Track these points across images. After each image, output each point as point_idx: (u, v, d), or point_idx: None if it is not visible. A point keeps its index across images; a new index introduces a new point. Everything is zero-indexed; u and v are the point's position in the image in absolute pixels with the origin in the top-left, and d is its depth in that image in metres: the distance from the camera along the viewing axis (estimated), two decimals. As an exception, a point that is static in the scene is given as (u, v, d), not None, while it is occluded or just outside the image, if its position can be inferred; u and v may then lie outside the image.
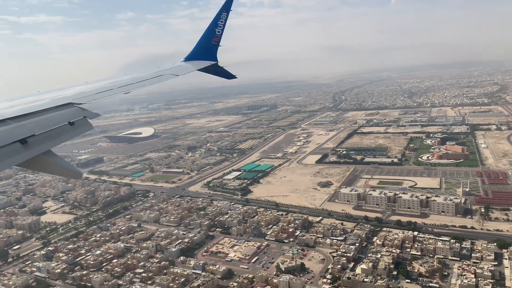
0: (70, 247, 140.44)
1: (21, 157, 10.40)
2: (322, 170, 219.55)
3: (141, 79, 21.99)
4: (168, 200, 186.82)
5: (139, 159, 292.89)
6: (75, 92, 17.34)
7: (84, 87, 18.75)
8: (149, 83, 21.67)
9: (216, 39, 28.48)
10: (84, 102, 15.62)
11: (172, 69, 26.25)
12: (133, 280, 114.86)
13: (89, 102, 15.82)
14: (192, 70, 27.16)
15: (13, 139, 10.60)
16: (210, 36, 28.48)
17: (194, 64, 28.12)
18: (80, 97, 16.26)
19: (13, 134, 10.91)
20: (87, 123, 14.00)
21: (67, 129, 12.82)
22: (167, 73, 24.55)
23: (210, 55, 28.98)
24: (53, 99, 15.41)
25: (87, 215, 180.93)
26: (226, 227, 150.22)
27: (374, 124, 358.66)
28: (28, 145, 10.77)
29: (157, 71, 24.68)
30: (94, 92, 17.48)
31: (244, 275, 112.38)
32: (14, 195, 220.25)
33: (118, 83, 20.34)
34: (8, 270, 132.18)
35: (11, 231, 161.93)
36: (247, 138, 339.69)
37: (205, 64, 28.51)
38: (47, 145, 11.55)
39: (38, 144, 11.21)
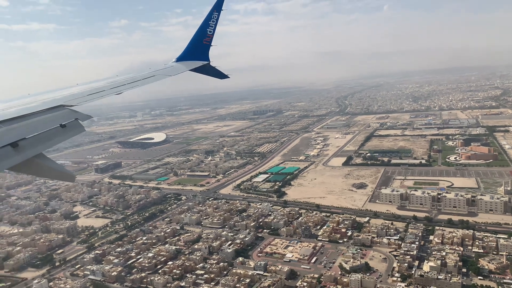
0: (119, 250, 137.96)
1: (13, 161, 10.20)
2: (351, 172, 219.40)
3: (133, 79, 21.66)
4: (204, 203, 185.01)
5: (158, 163, 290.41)
6: (67, 94, 17.08)
7: (75, 89, 18.53)
8: (141, 84, 21.35)
9: (208, 39, 28.32)
10: (75, 104, 15.39)
11: (164, 70, 25.94)
12: (197, 282, 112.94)
13: (80, 104, 15.63)
14: (184, 70, 26.85)
15: (4, 143, 10.42)
16: (201, 36, 28.29)
17: (186, 64, 27.89)
18: (71, 99, 16.01)
19: (4, 138, 10.72)
20: (79, 125, 13.75)
21: (58, 132, 12.63)
22: (159, 74, 24.20)
23: (202, 55, 28.74)
24: (44, 101, 15.18)
25: (123, 219, 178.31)
26: (272, 228, 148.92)
27: (388, 127, 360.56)
28: (19, 148, 10.62)
29: (149, 72, 24.35)
30: (86, 94, 17.26)
31: (310, 275, 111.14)
32: (39, 200, 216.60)
33: (109, 84, 20.07)
34: (59, 274, 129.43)
35: (50, 236, 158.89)
36: (263, 142, 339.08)
37: (197, 64, 28.28)
38: (39, 148, 11.38)
39: (30, 147, 11.04)
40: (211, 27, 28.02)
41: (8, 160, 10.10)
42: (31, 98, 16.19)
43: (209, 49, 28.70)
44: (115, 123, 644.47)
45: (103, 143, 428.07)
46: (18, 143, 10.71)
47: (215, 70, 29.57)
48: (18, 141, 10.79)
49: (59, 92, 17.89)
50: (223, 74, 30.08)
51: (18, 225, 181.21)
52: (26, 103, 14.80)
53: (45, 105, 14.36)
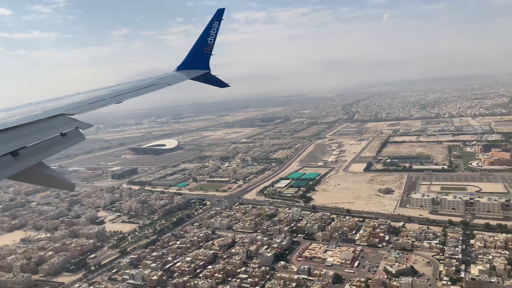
0: (155, 255, 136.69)
1: (13, 170, 10.21)
2: (374, 177, 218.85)
3: (134, 88, 21.67)
4: (231, 208, 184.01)
5: (175, 169, 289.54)
6: (67, 103, 17.07)
7: (76, 98, 18.61)
8: (142, 92, 21.34)
9: (208, 48, 28.49)
10: (76, 112, 15.36)
11: (165, 78, 25.97)
12: (242, 286, 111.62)
13: (81, 113, 15.59)
14: (184, 79, 26.87)
15: (4, 152, 10.42)
16: (202, 45, 28.49)
17: (186, 73, 28.01)
18: (72, 108, 15.98)
19: (4, 146, 10.71)
20: (79, 134, 13.74)
21: (59, 140, 12.64)
22: (160, 82, 24.16)
23: (202, 64, 28.90)
24: (45, 110, 15.16)
25: (150, 224, 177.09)
26: (306, 232, 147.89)
27: (401, 134, 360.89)
28: (19, 157, 10.61)
29: (149, 81, 24.33)
30: (86, 103, 17.29)
31: (356, 279, 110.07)
32: (60, 206, 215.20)
33: (110, 93, 20.10)
34: (96, 279, 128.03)
35: (81, 240, 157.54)
36: (277, 149, 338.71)
37: (197, 73, 28.43)
38: (39, 157, 11.39)
39: (30, 156, 11.03)
40: (212, 37, 28.20)
41: (8, 169, 10.08)
42: (32, 107, 16.18)
43: (209, 58, 28.89)
44: (121, 130, 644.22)
45: (113, 150, 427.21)
46: (18, 152, 10.66)
47: (215, 79, 29.62)
48: (18, 149, 10.74)
49: (59, 100, 17.90)
50: (224, 83, 30.05)
51: (43, 230, 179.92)
52: (27, 112, 14.75)
53: (46, 114, 14.36)
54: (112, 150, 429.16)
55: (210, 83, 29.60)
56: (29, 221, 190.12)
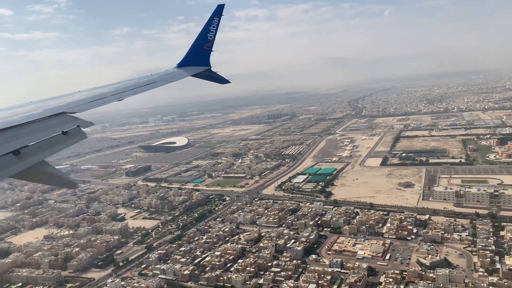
0: (183, 250, 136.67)
1: (15, 169, 10.24)
2: (392, 171, 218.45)
3: (134, 86, 21.53)
4: (252, 203, 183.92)
5: (189, 166, 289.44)
6: (68, 101, 16.99)
7: (77, 96, 18.54)
8: (143, 90, 21.28)
9: (209, 44, 28.36)
10: (77, 111, 15.37)
11: (166, 75, 25.83)
12: (276, 279, 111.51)
13: (82, 111, 15.62)
14: (185, 76, 26.81)
15: (6, 151, 10.45)
16: (202, 41, 28.32)
17: (187, 70, 27.90)
18: (73, 106, 15.92)
19: (6, 146, 10.74)
20: (80, 132, 13.76)
21: (60, 139, 12.67)
22: (160, 80, 24.07)
23: (203, 61, 28.76)
24: (46, 109, 15.13)
25: (172, 219, 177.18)
26: (332, 226, 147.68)
27: (413, 128, 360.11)
28: (21, 156, 10.65)
29: (150, 78, 24.24)
30: (87, 101, 17.20)
31: (391, 271, 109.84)
32: (78, 203, 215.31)
33: (111, 90, 20.00)
34: (126, 274, 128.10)
35: (106, 237, 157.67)
36: (288, 145, 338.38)
37: (198, 70, 28.31)
38: (41, 155, 11.40)
39: (32, 154, 11.07)
40: (212, 33, 28.06)
41: (10, 167, 10.09)
42: (34, 106, 16.15)
43: (210, 54, 28.74)
44: (128, 129, 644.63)
45: (123, 148, 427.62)
46: (20, 151, 10.68)
47: (216, 75, 29.57)
48: (20, 148, 10.76)
49: (61, 99, 17.83)
50: (224, 79, 29.96)
51: (65, 227, 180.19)
52: (28, 111, 14.72)
53: (47, 112, 14.29)
54: (121, 148, 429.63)
55: (211, 80, 29.58)
56: (49, 218, 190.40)
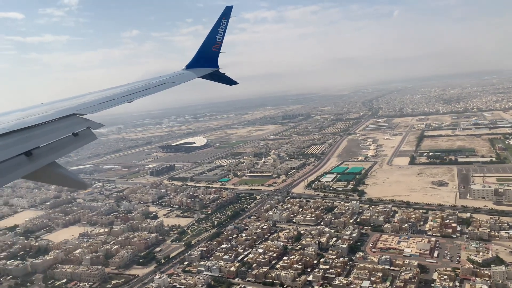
0: (224, 247, 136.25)
1: (27, 169, 10.37)
2: (423, 170, 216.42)
3: (144, 87, 21.59)
4: (285, 201, 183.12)
5: (213, 165, 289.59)
6: (79, 103, 17.14)
7: (87, 98, 18.65)
8: (152, 92, 21.30)
9: (217, 46, 28.41)
10: (87, 112, 15.52)
11: (174, 77, 25.83)
12: (327, 276, 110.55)
13: (92, 113, 15.72)
14: (194, 78, 26.77)
15: (18, 152, 10.55)
16: (210, 43, 28.38)
17: (195, 71, 27.93)
18: (83, 108, 16.09)
19: (18, 147, 10.86)
20: (91, 134, 13.83)
21: (71, 140, 12.78)
22: (169, 81, 23.99)
23: (211, 62, 28.82)
24: (57, 110, 15.29)
25: (206, 217, 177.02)
26: (373, 225, 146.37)
27: (434, 128, 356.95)
28: (33, 157, 10.74)
29: (159, 80, 24.14)
30: (97, 103, 17.32)
31: (442, 268, 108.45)
32: (107, 202, 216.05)
33: (121, 92, 20.06)
34: (170, 271, 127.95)
35: (143, 234, 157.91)
36: (309, 144, 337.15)
37: (206, 71, 28.32)
38: (52, 156, 11.49)
39: (43, 156, 11.16)
40: (220, 34, 28.12)
41: (22, 168, 10.22)
42: (45, 107, 16.34)
43: (218, 56, 28.74)
44: (143, 130, 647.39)
45: (142, 148, 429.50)
46: (32, 152, 10.78)
47: (224, 77, 29.52)
48: (32, 150, 10.87)
49: (71, 101, 18.02)
50: (232, 80, 29.85)
51: (99, 225, 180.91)
52: (40, 112, 14.88)
53: (58, 114, 14.47)
54: (140, 148, 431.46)
55: (219, 81, 29.52)
56: (81, 217, 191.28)
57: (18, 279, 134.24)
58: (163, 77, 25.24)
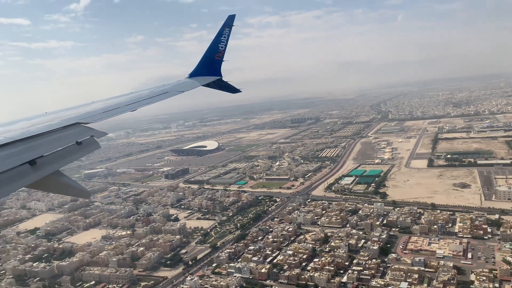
0: (252, 249, 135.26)
1: (31, 179, 10.37)
2: (442, 173, 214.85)
3: (147, 96, 21.81)
4: (306, 204, 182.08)
5: (227, 169, 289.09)
6: (82, 112, 17.36)
7: (91, 107, 18.82)
8: (155, 100, 21.40)
9: (220, 54, 28.67)
10: (91, 121, 15.52)
11: (177, 86, 25.99)
12: (361, 277, 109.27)
13: (96, 121, 15.72)
14: (197, 86, 27.01)
15: (22, 161, 10.55)
16: (213, 52, 28.64)
17: (198, 80, 28.20)
18: (87, 117, 16.20)
19: (22, 156, 10.85)
20: (94, 142, 13.81)
21: (75, 149, 12.80)
22: (172, 90, 24.07)
23: (214, 71, 29.04)
24: (61, 119, 15.38)
25: (227, 219, 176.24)
26: (400, 226, 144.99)
27: (448, 131, 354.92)
28: (37, 166, 10.76)
29: (162, 88, 24.31)
30: (101, 111, 17.39)
31: (478, 270, 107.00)
32: (125, 205, 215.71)
33: (124, 101, 20.18)
34: (198, 273, 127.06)
35: (168, 236, 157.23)
36: (322, 148, 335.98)
37: (209, 80, 28.57)
38: (56, 165, 11.51)
39: (47, 164, 11.17)
40: (223, 43, 28.35)
41: (26, 178, 10.23)
42: (49, 116, 16.48)
43: (221, 64, 28.97)
44: (151, 134, 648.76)
45: (153, 152, 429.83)
46: (36, 161, 10.81)
47: (227, 85, 29.69)
48: (35, 158, 10.89)
49: (75, 110, 18.22)
50: (235, 88, 30.01)
51: (120, 228, 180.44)
52: (44, 121, 14.99)
53: (62, 123, 14.53)
54: (151, 152, 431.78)
55: (222, 89, 29.75)
56: (102, 219, 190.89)
57: (45, 281, 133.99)
58: (167, 86, 25.44)
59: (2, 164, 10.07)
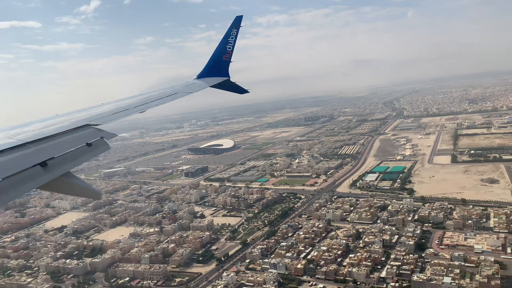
0: (284, 245, 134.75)
1: (42, 180, 10.43)
2: (468, 168, 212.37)
3: (156, 97, 21.97)
4: (333, 200, 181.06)
5: (246, 166, 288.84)
6: (92, 114, 17.47)
7: (100, 108, 18.91)
8: (164, 101, 21.60)
9: (227, 55, 28.79)
10: (101, 122, 15.65)
11: (186, 87, 26.15)
12: (401, 272, 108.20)
13: (106, 123, 15.85)
14: (205, 87, 27.15)
15: (34, 163, 10.63)
16: (221, 52, 28.80)
17: (206, 81, 28.39)
18: (97, 118, 16.30)
19: (34, 158, 10.94)
20: (104, 144, 13.89)
21: (85, 150, 12.90)
22: (181, 91, 24.24)
23: (222, 71, 29.16)
24: (71, 121, 15.53)
25: (254, 216, 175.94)
26: (432, 222, 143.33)
27: (468, 127, 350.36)
28: (48, 167, 10.80)
29: (171, 90, 24.49)
30: (111, 113, 17.51)
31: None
32: (149, 203, 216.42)
33: (133, 103, 20.35)
34: (232, 269, 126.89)
35: (197, 233, 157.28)
36: (341, 145, 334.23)
37: (217, 81, 28.67)
38: (67, 167, 11.57)
39: (58, 166, 11.22)
40: (231, 44, 28.55)
41: (38, 179, 10.29)
42: (61, 118, 16.62)
43: (228, 65, 29.10)
44: (165, 134, 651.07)
45: (169, 151, 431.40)
46: (47, 163, 10.87)
47: (235, 86, 29.76)
48: (47, 160, 10.97)
49: (85, 111, 18.41)
50: (243, 89, 30.13)
51: (146, 225, 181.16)
52: (56, 123, 15.17)
53: (72, 125, 14.67)
54: (167, 151, 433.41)
55: (230, 90, 29.84)
56: (128, 217, 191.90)
57: (79, 277, 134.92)
58: (175, 87, 25.56)
59: (14, 166, 10.16)
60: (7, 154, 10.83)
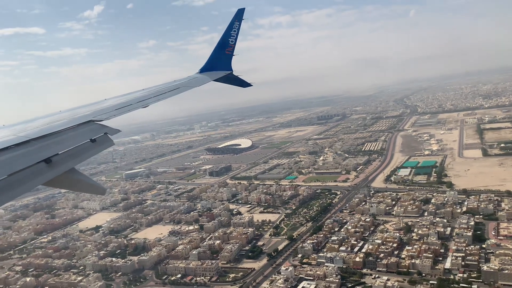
0: (336, 239, 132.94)
1: (47, 176, 10.40)
2: (503, 161, 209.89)
3: (159, 92, 21.46)
4: (371, 195, 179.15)
5: (270, 165, 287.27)
6: (95, 109, 17.19)
7: (104, 104, 18.73)
8: (167, 96, 21.23)
9: (230, 48, 28.31)
10: (104, 118, 15.44)
11: (189, 81, 25.65)
12: (467, 263, 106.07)
13: (109, 118, 15.62)
14: (208, 81, 26.77)
15: (38, 159, 10.59)
16: (224, 46, 28.33)
17: (209, 75, 28.03)
18: (100, 114, 16.05)
19: (38, 154, 10.87)
20: (108, 139, 13.75)
21: (89, 146, 12.79)
22: (183, 85, 23.74)
23: (224, 65, 28.71)
24: (75, 117, 15.38)
25: (292, 212, 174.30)
26: (482, 213, 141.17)
27: (489, 121, 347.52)
28: (52, 164, 10.75)
29: (173, 84, 24.05)
30: (114, 108, 17.24)
31: None
32: (181, 202, 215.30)
33: (136, 98, 20.08)
34: (285, 264, 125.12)
35: (241, 230, 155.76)
36: (362, 142, 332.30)
37: (220, 74, 28.20)
38: (71, 163, 11.50)
39: (62, 162, 11.16)
40: (233, 37, 28.07)
41: (42, 176, 10.27)
42: (64, 114, 16.53)
43: (231, 58, 28.62)
44: (177, 136, 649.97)
45: (186, 152, 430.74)
46: (51, 159, 10.80)
47: (238, 79, 29.33)
48: (51, 157, 10.89)
49: (88, 107, 18.21)
50: (246, 82, 29.76)
51: (183, 223, 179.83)
52: (58, 120, 15.00)
53: (77, 121, 14.57)
54: (184, 152, 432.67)
55: (233, 84, 29.47)
56: (163, 216, 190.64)
57: (128, 275, 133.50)
58: (178, 82, 25.17)
59: (19, 163, 10.10)
60: (12, 151, 10.76)
